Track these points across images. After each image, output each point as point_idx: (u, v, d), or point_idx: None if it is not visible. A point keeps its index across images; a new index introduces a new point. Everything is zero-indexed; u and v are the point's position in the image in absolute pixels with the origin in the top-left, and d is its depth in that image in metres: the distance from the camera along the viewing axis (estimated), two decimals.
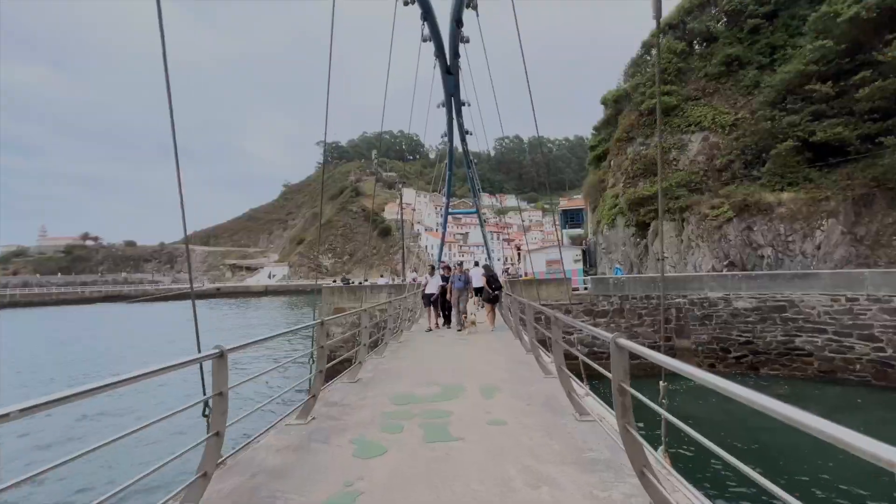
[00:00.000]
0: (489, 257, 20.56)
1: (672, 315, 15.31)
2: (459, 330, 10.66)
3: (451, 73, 11.18)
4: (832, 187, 19.90)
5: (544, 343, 7.25)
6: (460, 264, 12.35)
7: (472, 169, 14.34)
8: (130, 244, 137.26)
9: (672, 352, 15.18)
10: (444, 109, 22.15)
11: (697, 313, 15.09)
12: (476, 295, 12.85)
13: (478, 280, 11.56)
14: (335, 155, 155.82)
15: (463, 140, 13.27)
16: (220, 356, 2.76)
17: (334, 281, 35.17)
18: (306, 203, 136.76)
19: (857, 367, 12.77)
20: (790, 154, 21.18)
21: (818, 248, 19.43)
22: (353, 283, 23.46)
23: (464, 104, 11.63)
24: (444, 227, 23.11)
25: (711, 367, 14.81)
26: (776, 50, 24.56)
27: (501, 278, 19.56)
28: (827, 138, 20.30)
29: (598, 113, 39.27)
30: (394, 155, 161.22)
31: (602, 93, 33.58)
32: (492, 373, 6.35)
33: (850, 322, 12.92)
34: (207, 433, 2.80)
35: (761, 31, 25.13)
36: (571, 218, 47.91)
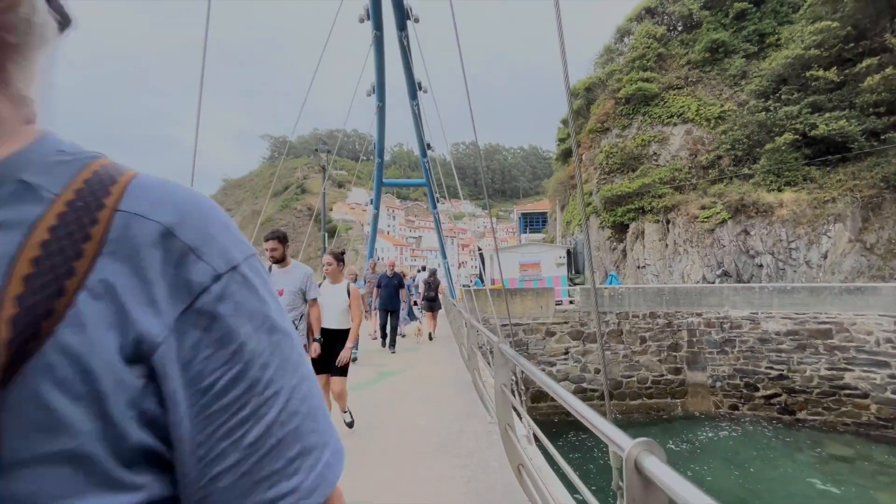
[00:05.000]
0: (444, 255, 16.14)
1: (683, 339, 11.56)
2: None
3: None
4: (837, 188, 17.35)
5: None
6: None
7: (420, 120, 9.54)
8: None
9: (683, 387, 11.43)
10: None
11: (715, 337, 11.45)
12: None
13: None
14: (282, 150, 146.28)
15: (405, 52, 7.29)
16: None
17: None
18: (247, 200, 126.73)
19: None
20: (788, 150, 18.54)
21: (825, 256, 16.71)
22: None
23: None
24: (378, 188, 13.35)
25: (733, 409, 11.18)
26: (765, 37, 22.23)
27: (458, 290, 15.51)
28: (829, 132, 17.80)
29: (554, 123, 36.47)
30: (347, 154, 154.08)
31: (557, 103, 30.51)
32: None
33: None
34: None
35: (748, 17, 22.77)
36: (531, 223, 44.86)
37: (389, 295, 8.32)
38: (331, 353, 3.83)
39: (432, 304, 10.15)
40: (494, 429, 3.44)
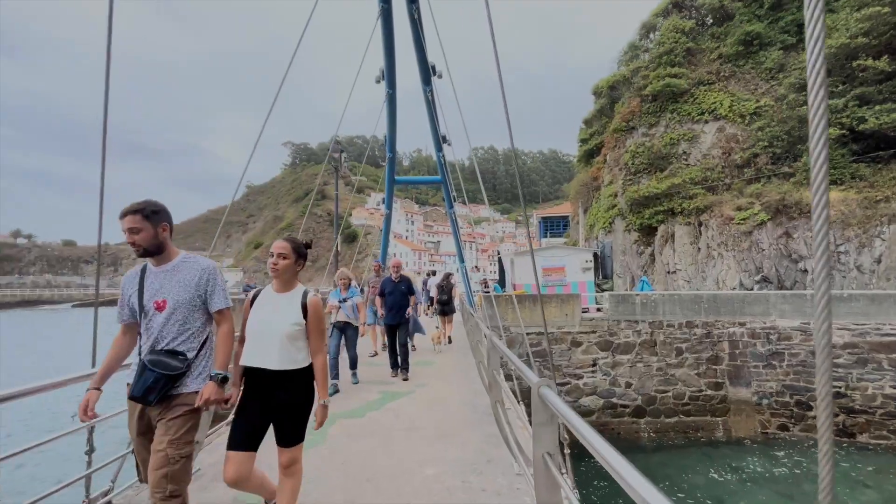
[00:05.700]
0: (461, 260, 15.50)
1: (724, 351, 10.52)
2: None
3: None
4: (891, 186, 15.94)
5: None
6: None
7: (434, 109, 8.93)
8: (69, 244, 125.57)
9: (724, 404, 10.37)
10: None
11: (761, 350, 10.36)
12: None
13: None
14: (303, 157, 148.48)
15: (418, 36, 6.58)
16: None
17: None
18: (269, 205, 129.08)
19: None
20: (833, 146, 17.16)
21: (878, 261, 15.30)
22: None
23: None
24: (390, 185, 12.82)
25: (783, 430, 10.07)
26: (804, 28, 20.81)
27: (477, 296, 14.72)
28: (880, 126, 16.41)
29: (573, 128, 35.37)
30: (366, 160, 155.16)
31: (577, 106, 29.60)
32: None
33: None
34: None
35: (785, 6, 21.43)
36: (551, 227, 43.70)
37: (397, 305, 6.59)
38: (268, 406, 2.24)
39: (445, 308, 9.50)
40: (522, 483, 2.67)
